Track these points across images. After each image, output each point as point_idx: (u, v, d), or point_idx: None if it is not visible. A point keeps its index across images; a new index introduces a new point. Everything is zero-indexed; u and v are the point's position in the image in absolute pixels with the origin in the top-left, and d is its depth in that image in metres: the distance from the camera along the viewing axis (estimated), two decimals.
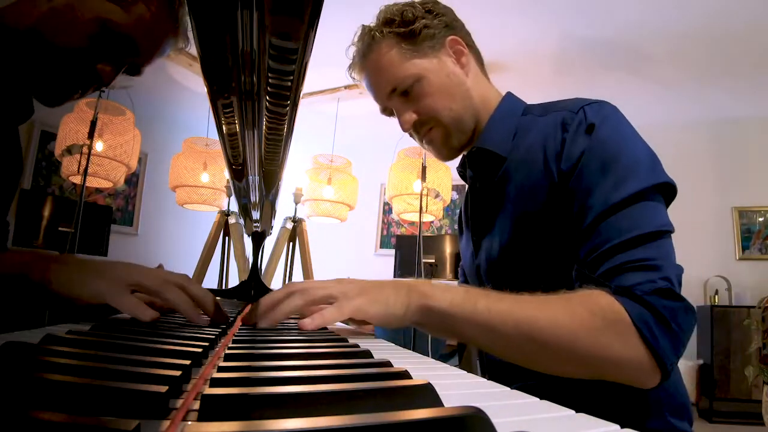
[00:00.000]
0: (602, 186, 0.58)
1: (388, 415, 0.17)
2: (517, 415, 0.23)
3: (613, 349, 0.50)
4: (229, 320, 0.58)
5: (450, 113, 0.73)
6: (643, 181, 0.57)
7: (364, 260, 4.87)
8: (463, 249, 0.86)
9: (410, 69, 0.72)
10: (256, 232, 1.22)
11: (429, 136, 0.76)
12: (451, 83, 0.74)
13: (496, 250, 0.71)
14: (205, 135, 3.25)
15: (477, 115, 0.76)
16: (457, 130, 0.75)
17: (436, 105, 0.73)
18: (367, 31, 0.75)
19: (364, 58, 0.76)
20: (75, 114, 2.63)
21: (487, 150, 0.72)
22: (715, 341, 3.27)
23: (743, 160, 3.75)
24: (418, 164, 2.90)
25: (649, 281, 0.51)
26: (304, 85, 0.44)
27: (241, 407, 0.19)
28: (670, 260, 0.54)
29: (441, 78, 0.73)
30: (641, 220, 0.55)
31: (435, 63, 0.73)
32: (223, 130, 0.57)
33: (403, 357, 0.44)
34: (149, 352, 0.31)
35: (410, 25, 0.72)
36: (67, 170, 2.59)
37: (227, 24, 0.36)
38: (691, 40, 2.82)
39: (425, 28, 0.72)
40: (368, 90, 0.81)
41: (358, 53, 0.77)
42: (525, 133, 0.71)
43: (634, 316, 0.49)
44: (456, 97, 0.74)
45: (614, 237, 0.55)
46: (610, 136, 0.60)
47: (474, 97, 0.75)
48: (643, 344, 0.49)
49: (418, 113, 0.74)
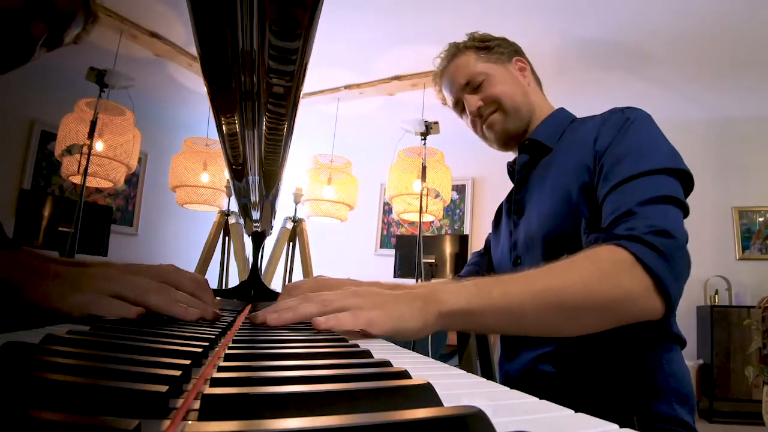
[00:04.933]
0: (624, 163, 0.66)
1: (387, 415, 0.17)
2: (516, 415, 0.23)
3: (623, 286, 0.55)
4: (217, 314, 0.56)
5: (511, 101, 0.88)
6: (661, 162, 0.65)
7: (364, 260, 4.87)
8: (501, 234, 0.95)
9: (482, 69, 0.90)
10: (256, 232, 1.22)
11: (490, 120, 0.90)
12: (514, 83, 0.90)
13: (534, 224, 0.79)
14: (205, 135, 3.25)
15: (531, 113, 0.90)
16: (515, 117, 0.89)
17: (499, 92, 0.88)
18: (453, 45, 0.95)
19: (449, 62, 0.94)
20: (75, 114, 2.63)
21: (536, 141, 0.86)
22: (715, 341, 3.27)
23: (743, 160, 3.75)
24: (418, 164, 2.90)
25: (645, 225, 0.58)
26: (304, 85, 0.44)
27: (241, 407, 0.19)
28: (671, 222, 0.59)
29: (505, 78, 0.90)
30: (652, 188, 0.62)
31: (502, 69, 0.91)
32: (223, 130, 0.57)
33: (403, 357, 0.44)
34: (149, 352, 0.31)
35: (486, 43, 0.92)
36: (67, 170, 2.59)
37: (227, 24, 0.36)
38: (690, 40, 2.82)
39: (498, 47, 0.92)
40: (446, 89, 0.96)
41: (444, 60, 0.96)
42: (570, 133, 0.84)
43: (634, 250, 0.56)
44: (516, 93, 0.89)
45: (625, 202, 0.62)
46: (640, 127, 0.71)
47: (531, 100, 0.91)
48: (647, 274, 0.55)
49: (483, 100, 0.89)
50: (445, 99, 0.99)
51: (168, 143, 4.19)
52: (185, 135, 3.38)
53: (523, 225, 0.84)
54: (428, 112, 3.58)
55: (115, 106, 2.72)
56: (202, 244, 2.86)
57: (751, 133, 3.76)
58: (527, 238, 0.81)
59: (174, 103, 4.08)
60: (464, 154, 4.36)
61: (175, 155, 3.12)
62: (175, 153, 3.16)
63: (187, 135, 3.33)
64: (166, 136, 4.31)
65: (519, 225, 0.85)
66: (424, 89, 3.49)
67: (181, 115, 4.27)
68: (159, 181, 4.21)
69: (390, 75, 3.42)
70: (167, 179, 3.19)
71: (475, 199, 4.59)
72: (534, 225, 0.79)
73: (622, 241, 0.57)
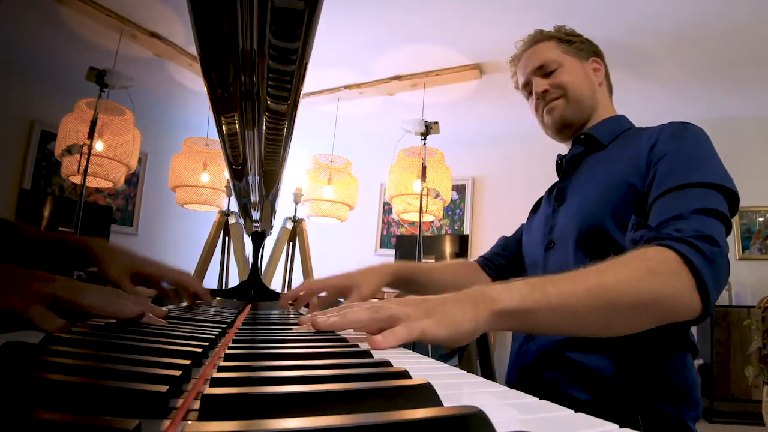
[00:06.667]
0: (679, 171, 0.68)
1: (387, 415, 0.17)
2: (516, 415, 0.23)
3: (671, 285, 0.56)
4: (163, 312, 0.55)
5: (576, 91, 0.90)
6: (715, 178, 0.66)
7: (364, 260, 4.87)
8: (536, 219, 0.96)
9: (558, 57, 0.92)
10: (256, 232, 1.22)
11: (552, 104, 0.92)
12: (584, 79, 0.92)
13: (574, 213, 0.81)
14: (205, 135, 3.25)
15: (594, 109, 0.92)
16: (576, 107, 0.91)
17: (567, 81, 0.91)
18: (539, 31, 0.97)
19: (529, 46, 0.96)
20: (75, 114, 2.63)
21: (592, 136, 0.88)
22: (715, 341, 3.27)
23: (743, 160, 3.74)
24: (418, 164, 2.90)
25: (693, 229, 0.60)
26: (304, 85, 0.44)
27: (241, 407, 0.19)
28: (717, 232, 0.60)
29: (578, 71, 0.92)
30: (703, 200, 0.64)
31: (577, 63, 0.93)
32: (223, 130, 0.57)
33: (402, 357, 0.44)
34: (149, 351, 0.31)
35: (570, 36, 0.95)
36: (67, 170, 2.59)
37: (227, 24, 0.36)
38: (690, 39, 2.82)
39: (579, 43, 0.95)
40: (520, 70, 0.98)
41: (525, 44, 0.98)
42: (626, 137, 0.86)
43: (682, 251, 0.57)
44: (584, 87, 0.91)
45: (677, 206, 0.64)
46: (698, 141, 0.73)
47: (596, 98, 0.93)
48: (691, 275, 0.56)
49: (551, 85, 0.92)
50: (517, 82, 1.01)
51: (168, 143, 4.19)
52: (185, 135, 3.38)
53: (562, 212, 0.85)
54: (428, 112, 3.58)
55: (115, 106, 2.72)
56: (202, 244, 2.86)
57: (751, 133, 3.75)
58: (564, 226, 0.82)
59: (174, 103, 4.08)
60: (464, 154, 4.37)
61: (175, 155, 3.12)
62: (175, 153, 3.16)
63: (187, 135, 3.33)
64: (166, 136, 4.31)
65: (558, 212, 0.86)
66: (424, 89, 3.49)
67: (181, 115, 4.27)
68: (159, 181, 4.20)
69: (390, 75, 3.41)
70: (167, 179, 3.19)
71: (475, 199, 4.58)
72: (574, 214, 0.80)
73: (669, 242, 0.58)
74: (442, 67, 3.27)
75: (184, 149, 3.14)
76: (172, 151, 3.31)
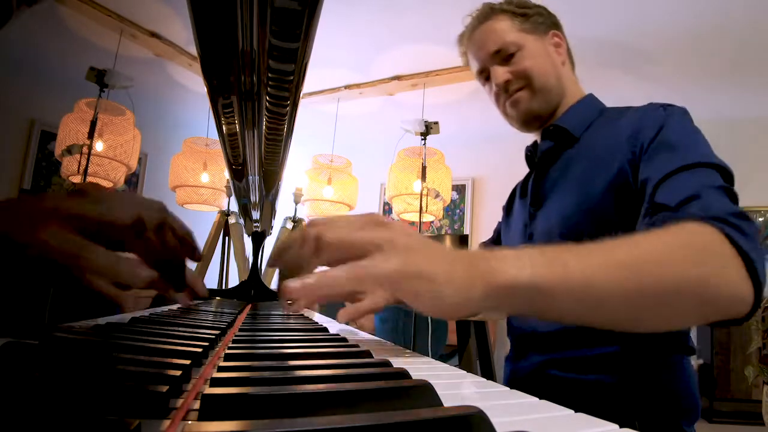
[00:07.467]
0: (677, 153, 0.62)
1: (387, 415, 0.17)
2: (516, 415, 0.23)
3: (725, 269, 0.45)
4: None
5: (542, 80, 0.81)
6: (710, 158, 0.61)
7: None
8: (513, 223, 0.90)
9: (517, 38, 0.82)
10: (256, 232, 1.22)
11: (516, 96, 0.83)
12: (547, 59, 0.83)
13: (554, 220, 0.75)
14: (205, 135, 3.25)
15: (561, 96, 0.84)
16: (543, 97, 0.82)
17: (531, 68, 0.81)
18: (488, 5, 0.86)
19: (480, 23, 0.85)
20: (75, 114, 2.63)
21: (562, 128, 0.80)
22: (715, 341, 3.27)
23: (743, 160, 3.74)
24: (418, 164, 2.90)
25: (720, 207, 0.51)
26: (304, 85, 0.44)
27: (241, 407, 0.19)
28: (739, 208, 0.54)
29: (540, 52, 0.83)
30: (710, 179, 0.57)
31: (537, 42, 0.83)
32: (223, 130, 0.57)
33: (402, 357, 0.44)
34: (149, 351, 0.31)
35: (524, 9, 0.84)
36: (67, 170, 2.59)
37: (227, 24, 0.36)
38: (691, 40, 2.82)
39: (537, 15, 0.84)
40: (472, 53, 0.88)
41: (475, 20, 0.87)
42: (599, 125, 0.79)
43: (727, 232, 0.46)
44: (549, 71, 0.83)
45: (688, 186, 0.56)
46: (683, 121, 0.69)
47: (563, 82, 0.84)
48: (741, 259, 0.45)
49: (513, 74, 0.82)
50: (468, 63, 0.91)
51: (168, 143, 4.18)
52: (185, 135, 3.38)
53: (541, 218, 0.79)
54: (428, 112, 3.58)
55: (115, 106, 2.72)
56: (202, 244, 2.86)
57: (751, 134, 3.75)
58: (544, 234, 0.76)
59: (174, 103, 4.08)
60: (464, 154, 4.36)
61: (175, 155, 3.12)
62: (175, 153, 3.16)
63: (187, 135, 3.33)
64: (166, 136, 4.30)
65: (536, 218, 0.80)
66: (424, 89, 3.49)
67: (181, 115, 4.27)
68: (159, 181, 4.20)
69: (390, 75, 3.41)
70: (167, 179, 3.19)
71: (475, 199, 4.58)
72: (553, 221, 0.75)
73: (710, 220, 0.47)
74: (442, 67, 3.27)
75: (184, 149, 3.14)
76: (172, 151, 3.31)
